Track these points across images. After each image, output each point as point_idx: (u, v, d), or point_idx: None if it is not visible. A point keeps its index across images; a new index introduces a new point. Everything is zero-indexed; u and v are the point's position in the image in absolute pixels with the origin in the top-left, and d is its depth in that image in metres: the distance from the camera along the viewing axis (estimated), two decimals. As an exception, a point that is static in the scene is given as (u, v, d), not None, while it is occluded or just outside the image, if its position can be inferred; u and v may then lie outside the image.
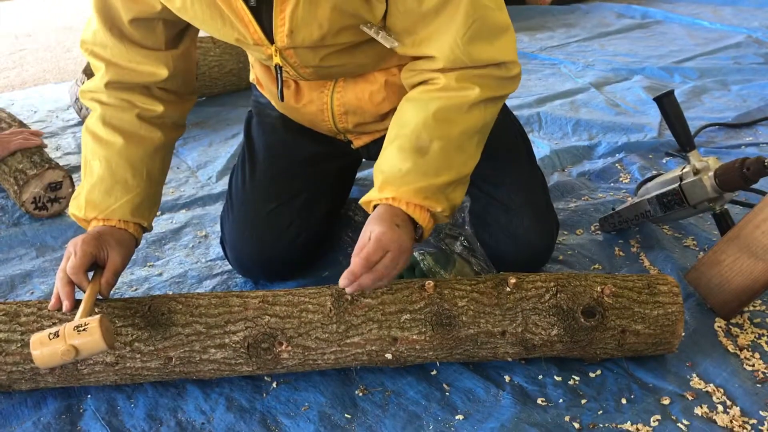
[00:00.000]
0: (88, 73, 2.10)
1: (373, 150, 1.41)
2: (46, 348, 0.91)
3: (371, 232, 1.01)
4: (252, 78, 1.43)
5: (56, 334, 0.91)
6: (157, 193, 1.23)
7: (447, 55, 1.06)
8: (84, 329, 0.91)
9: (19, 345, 1.01)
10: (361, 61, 1.20)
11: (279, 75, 1.15)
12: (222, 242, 1.40)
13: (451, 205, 1.09)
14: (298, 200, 1.35)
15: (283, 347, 1.04)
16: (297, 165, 1.38)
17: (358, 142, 1.39)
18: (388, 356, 1.06)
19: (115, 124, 1.17)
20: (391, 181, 1.07)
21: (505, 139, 1.38)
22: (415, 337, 1.05)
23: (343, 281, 0.99)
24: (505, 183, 1.32)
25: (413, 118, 1.08)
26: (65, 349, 0.90)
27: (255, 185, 1.35)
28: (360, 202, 1.13)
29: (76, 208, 1.17)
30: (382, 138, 1.38)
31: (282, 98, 1.19)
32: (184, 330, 1.03)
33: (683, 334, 1.11)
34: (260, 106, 1.45)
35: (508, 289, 1.07)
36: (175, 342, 1.03)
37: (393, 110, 1.32)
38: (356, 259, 0.99)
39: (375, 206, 1.09)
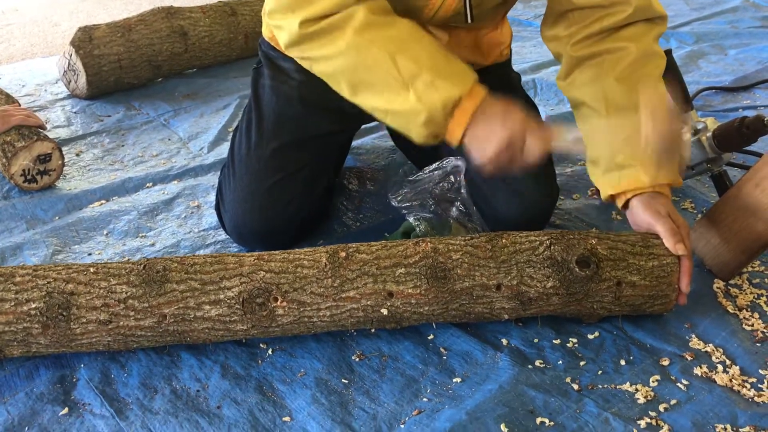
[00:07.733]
0: (76, 45, 2.06)
1: None
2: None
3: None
4: (268, 36, 1.36)
5: None
6: None
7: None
8: None
9: (13, 304, 0.99)
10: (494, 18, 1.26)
11: None
12: (217, 208, 1.37)
13: None
14: (303, 173, 1.31)
15: (278, 303, 1.03)
16: (306, 139, 1.33)
17: None
18: (384, 311, 1.04)
19: (386, 11, 1.08)
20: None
21: (520, 98, 1.37)
22: (410, 290, 1.04)
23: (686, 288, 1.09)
24: None
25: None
26: None
27: (260, 155, 1.31)
28: (612, 193, 1.17)
29: (446, 93, 1.04)
30: None
31: (471, 20, 1.16)
32: (178, 286, 1.02)
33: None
34: (278, 69, 1.36)
35: (503, 241, 1.07)
36: (169, 298, 1.01)
37: None
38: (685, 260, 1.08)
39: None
